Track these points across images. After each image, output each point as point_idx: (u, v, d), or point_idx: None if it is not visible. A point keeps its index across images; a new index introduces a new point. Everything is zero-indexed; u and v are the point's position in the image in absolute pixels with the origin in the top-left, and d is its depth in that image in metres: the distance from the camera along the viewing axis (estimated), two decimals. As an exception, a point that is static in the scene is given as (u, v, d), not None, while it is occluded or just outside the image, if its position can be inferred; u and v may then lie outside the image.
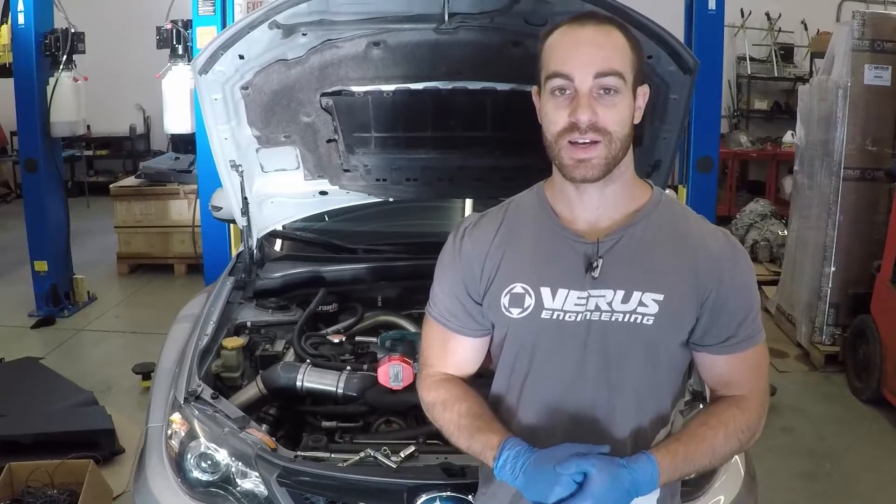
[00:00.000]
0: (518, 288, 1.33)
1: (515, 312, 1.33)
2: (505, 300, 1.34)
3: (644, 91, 1.32)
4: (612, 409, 1.32)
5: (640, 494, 1.20)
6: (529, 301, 1.32)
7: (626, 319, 1.29)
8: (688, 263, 1.30)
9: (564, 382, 1.33)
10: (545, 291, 1.32)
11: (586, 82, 1.24)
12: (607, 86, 1.24)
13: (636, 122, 1.31)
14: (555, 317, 1.31)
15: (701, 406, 1.80)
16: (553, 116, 1.27)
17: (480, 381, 1.53)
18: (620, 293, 1.29)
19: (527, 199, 1.43)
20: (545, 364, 1.34)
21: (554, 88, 1.26)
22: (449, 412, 1.36)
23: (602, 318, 1.30)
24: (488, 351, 1.47)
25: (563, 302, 1.31)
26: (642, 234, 1.32)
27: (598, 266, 1.29)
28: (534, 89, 1.35)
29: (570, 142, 1.25)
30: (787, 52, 8.44)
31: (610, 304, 1.29)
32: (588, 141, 1.24)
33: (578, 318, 1.30)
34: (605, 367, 1.31)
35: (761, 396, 1.35)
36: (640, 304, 1.28)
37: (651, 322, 1.28)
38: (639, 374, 1.32)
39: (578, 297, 1.30)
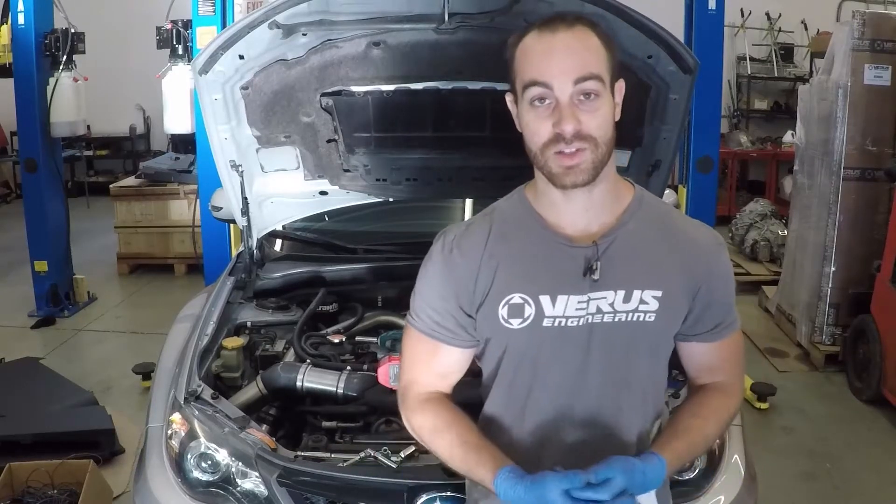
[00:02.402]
0: (516, 298, 1.30)
1: (515, 323, 1.30)
2: (503, 311, 1.31)
3: (620, 86, 1.30)
4: (618, 409, 1.32)
5: (644, 492, 1.21)
6: (529, 311, 1.29)
7: (629, 318, 1.30)
8: (679, 257, 1.33)
9: (569, 389, 1.32)
10: (545, 299, 1.29)
11: (566, 90, 1.21)
12: (587, 90, 1.21)
13: (616, 118, 1.29)
14: (556, 324, 1.29)
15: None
16: (536, 128, 1.24)
17: (476, 380, 1.51)
18: (621, 293, 1.29)
19: (509, 205, 1.39)
20: (549, 372, 1.32)
21: (533, 98, 1.23)
22: (440, 440, 1.33)
23: (604, 320, 1.29)
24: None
25: (564, 308, 1.29)
26: (634, 233, 1.33)
27: (597, 269, 1.28)
28: (508, 96, 1.32)
29: (556, 152, 1.23)
30: (787, 52, 8.44)
31: (612, 304, 1.29)
32: (574, 150, 1.22)
33: (580, 323, 1.30)
34: (609, 367, 1.31)
35: (741, 379, 1.46)
36: (641, 301, 1.29)
37: (653, 318, 1.30)
38: (642, 371, 1.34)
39: (579, 302, 1.29)
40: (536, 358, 1.32)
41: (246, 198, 2.64)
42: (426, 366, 1.39)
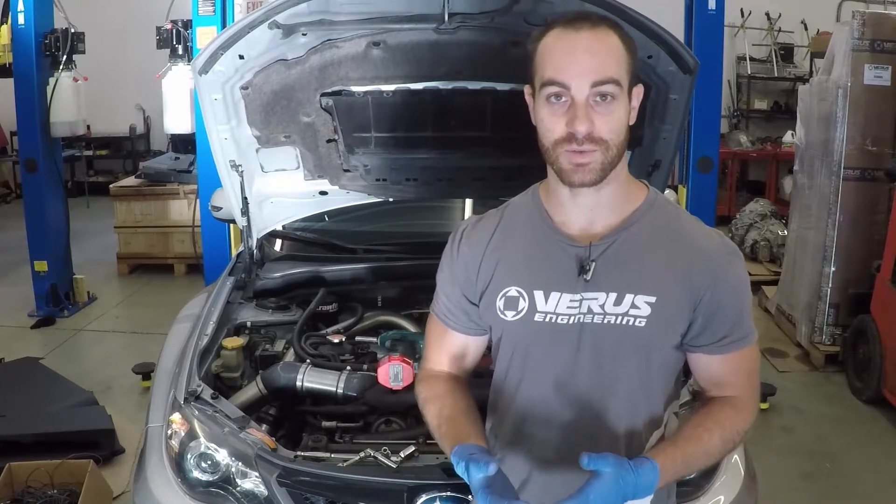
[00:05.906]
0: (512, 291, 1.34)
1: (510, 315, 1.34)
2: (500, 303, 1.35)
3: (638, 91, 1.30)
4: (605, 411, 1.32)
5: (637, 498, 1.20)
6: (523, 304, 1.33)
7: (618, 322, 1.29)
8: (682, 265, 1.30)
9: (558, 384, 1.33)
10: (538, 294, 1.32)
11: (583, 91, 1.21)
12: (604, 93, 1.22)
13: (631, 122, 1.29)
14: (548, 319, 1.31)
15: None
16: (549, 124, 1.25)
17: (480, 380, 1.53)
18: (613, 296, 1.29)
19: (523, 201, 1.43)
20: (539, 366, 1.34)
21: (549, 95, 1.24)
22: (427, 411, 1.41)
23: (594, 321, 1.30)
24: (487, 349, 1.48)
25: (556, 305, 1.31)
26: (636, 236, 1.32)
27: (590, 269, 1.29)
28: (526, 88, 1.33)
29: (567, 150, 1.24)
30: (787, 52, 8.45)
31: (602, 306, 1.29)
32: (585, 150, 1.23)
33: (571, 321, 1.31)
34: (597, 369, 1.31)
35: (754, 396, 1.38)
36: (633, 306, 1.28)
37: (643, 324, 1.28)
38: (630, 375, 1.32)
39: (571, 300, 1.31)
40: (527, 351, 1.35)
41: (246, 198, 2.64)
42: (436, 347, 1.49)
